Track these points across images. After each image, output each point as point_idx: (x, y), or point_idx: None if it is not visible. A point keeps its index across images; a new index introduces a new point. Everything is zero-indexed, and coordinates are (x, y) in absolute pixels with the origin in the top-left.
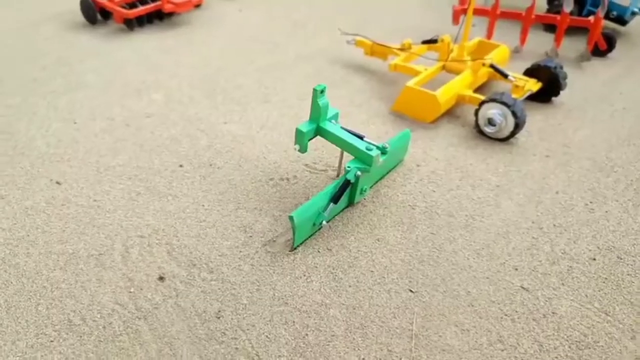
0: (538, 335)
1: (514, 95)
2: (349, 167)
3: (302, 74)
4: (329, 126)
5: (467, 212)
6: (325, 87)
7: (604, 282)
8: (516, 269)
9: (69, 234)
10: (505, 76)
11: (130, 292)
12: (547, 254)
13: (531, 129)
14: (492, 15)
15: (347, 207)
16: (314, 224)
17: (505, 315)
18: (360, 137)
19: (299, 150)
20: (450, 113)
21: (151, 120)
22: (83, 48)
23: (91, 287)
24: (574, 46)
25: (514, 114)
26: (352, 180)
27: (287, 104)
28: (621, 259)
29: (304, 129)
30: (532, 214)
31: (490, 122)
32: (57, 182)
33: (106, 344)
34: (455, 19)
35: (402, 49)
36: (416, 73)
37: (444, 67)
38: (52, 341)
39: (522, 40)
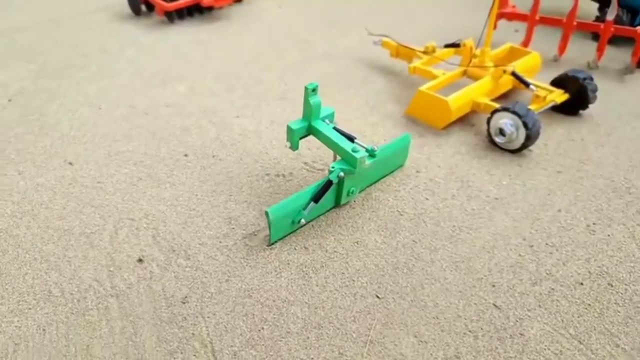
0: (499, 355)
1: (533, 106)
2: (332, 167)
3: (324, 72)
4: (320, 125)
5: (456, 223)
6: (316, 86)
7: (585, 309)
8: (493, 286)
9: (68, 211)
10: (527, 85)
11: (110, 270)
12: (530, 273)
13: (549, 141)
14: (531, 20)
15: (333, 207)
16: (293, 222)
17: (469, 331)
18: (351, 139)
19: (290, 148)
20: (464, 120)
21: (169, 110)
22: (123, 38)
23: (76, 263)
24: (621, 57)
25: (525, 125)
26: (335, 181)
27: (302, 102)
28: (612, 286)
29: (294, 126)
30: (525, 230)
31: (501, 132)
32: (70, 163)
33: (76, 316)
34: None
35: (425, 52)
36: (435, 77)
37: (465, 73)
38: (30, 309)
39: (561, 49)
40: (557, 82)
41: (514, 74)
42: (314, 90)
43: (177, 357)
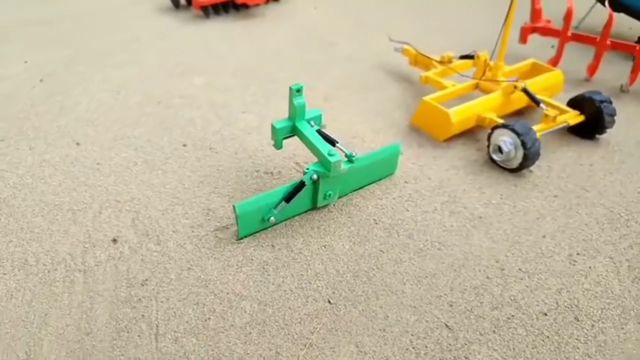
0: None
1: (541, 126)
2: (307, 169)
3: (340, 74)
4: (303, 126)
5: (429, 238)
6: (301, 87)
7: (543, 340)
8: (451, 305)
9: (63, 188)
10: (537, 103)
11: (85, 247)
12: (493, 297)
13: (555, 164)
14: (563, 37)
15: (311, 209)
16: (263, 219)
17: (413, 347)
18: (332, 143)
19: (274, 146)
20: (470, 135)
21: (181, 101)
22: (158, 30)
23: (57, 236)
24: None
25: (523, 144)
26: (307, 183)
27: (311, 102)
28: (578, 320)
29: (278, 125)
30: (500, 253)
31: (499, 149)
32: (77, 143)
33: (43, 286)
34: (523, 37)
35: (441, 62)
36: (444, 88)
37: (477, 86)
38: (5, 274)
39: (592, 69)
40: (574, 103)
41: (525, 91)
42: (298, 91)
43: (123, 336)
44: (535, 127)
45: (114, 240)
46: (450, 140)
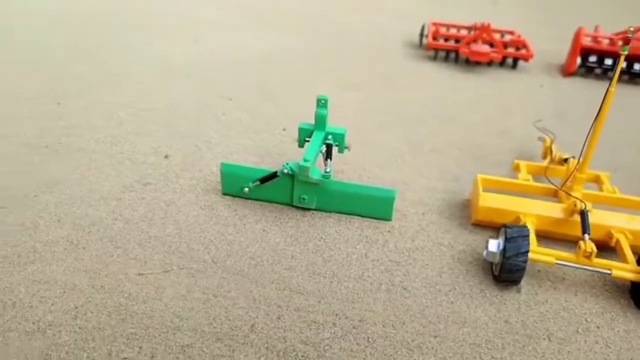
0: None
1: (567, 254)
2: (286, 163)
3: (475, 140)
4: (317, 134)
5: (335, 271)
6: (327, 99)
7: None
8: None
9: (152, 95)
10: (583, 232)
11: (151, 150)
12: (301, 333)
13: (555, 302)
14: None
15: (290, 205)
16: (242, 188)
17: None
18: (326, 157)
19: (297, 143)
20: None
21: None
22: (387, 58)
23: (151, 138)
24: None
25: (504, 251)
26: (279, 174)
27: (419, 150)
28: None
29: (302, 126)
30: (373, 319)
31: (487, 246)
32: (230, 99)
33: (105, 157)
34: None
35: (551, 159)
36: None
37: (556, 194)
38: (98, 130)
39: None
40: None
41: (582, 213)
42: (324, 102)
43: (102, 201)
44: (561, 254)
45: (166, 157)
46: (483, 227)
